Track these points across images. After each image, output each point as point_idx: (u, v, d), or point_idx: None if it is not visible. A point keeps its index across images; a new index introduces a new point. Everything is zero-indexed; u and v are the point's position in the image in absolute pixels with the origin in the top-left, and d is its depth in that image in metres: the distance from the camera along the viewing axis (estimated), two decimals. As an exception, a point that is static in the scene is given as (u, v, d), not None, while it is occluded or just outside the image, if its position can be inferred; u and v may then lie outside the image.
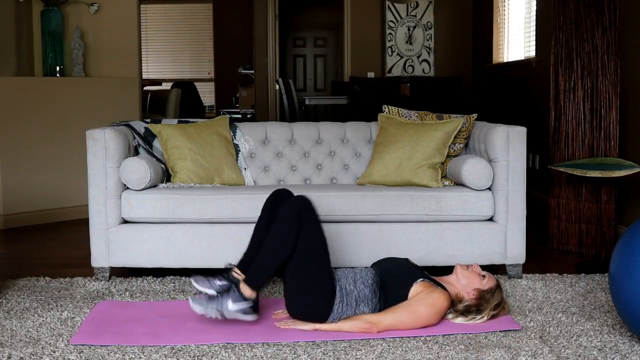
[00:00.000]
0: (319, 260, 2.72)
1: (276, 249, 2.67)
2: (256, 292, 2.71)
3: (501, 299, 2.88)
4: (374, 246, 3.44)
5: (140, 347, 2.58)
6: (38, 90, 5.09)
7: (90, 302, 3.13)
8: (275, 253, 2.67)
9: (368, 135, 4.03)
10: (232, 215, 3.42)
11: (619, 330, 2.77)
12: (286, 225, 2.67)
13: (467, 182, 3.47)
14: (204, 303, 2.69)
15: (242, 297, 2.69)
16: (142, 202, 3.43)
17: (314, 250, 2.70)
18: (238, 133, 3.99)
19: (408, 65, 8.72)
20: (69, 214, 5.21)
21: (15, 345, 2.59)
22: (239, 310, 2.68)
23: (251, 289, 2.69)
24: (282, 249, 2.66)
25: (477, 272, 2.89)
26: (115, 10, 5.57)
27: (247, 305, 2.69)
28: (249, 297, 2.69)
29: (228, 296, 2.69)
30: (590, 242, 4.17)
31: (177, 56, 11.90)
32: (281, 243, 2.66)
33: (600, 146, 4.12)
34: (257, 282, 2.70)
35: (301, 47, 12.19)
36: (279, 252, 2.67)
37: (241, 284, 2.71)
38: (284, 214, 2.70)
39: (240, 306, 2.68)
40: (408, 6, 8.64)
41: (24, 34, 5.35)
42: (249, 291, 2.69)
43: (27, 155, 5.02)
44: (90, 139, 3.46)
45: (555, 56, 4.24)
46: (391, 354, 2.52)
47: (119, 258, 3.46)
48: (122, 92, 5.52)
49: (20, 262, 3.98)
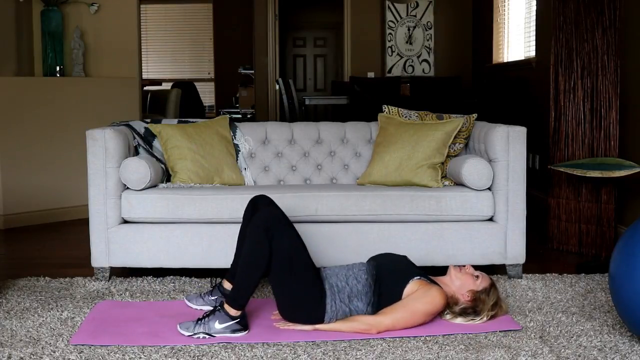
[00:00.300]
0: (299, 265, 2.71)
1: (251, 269, 2.66)
2: (241, 311, 2.71)
3: (497, 298, 2.86)
4: (374, 246, 3.44)
5: (140, 347, 2.58)
6: (38, 90, 5.09)
7: (90, 302, 3.13)
8: (251, 273, 2.66)
9: (368, 135, 4.03)
10: (232, 215, 3.42)
11: (619, 330, 2.77)
12: (255, 243, 2.66)
13: (467, 182, 3.47)
14: (191, 326, 2.69)
15: (228, 316, 2.68)
16: (142, 202, 3.43)
17: (291, 258, 2.69)
18: (238, 133, 3.99)
19: (408, 65, 8.72)
20: (69, 214, 5.21)
21: (15, 345, 2.59)
22: (227, 328, 2.68)
23: (235, 309, 2.70)
24: (257, 268, 2.65)
25: (470, 273, 2.88)
26: (115, 10, 5.57)
27: (234, 322, 2.69)
28: (234, 316, 2.69)
29: (215, 317, 2.69)
30: (590, 242, 4.17)
31: (177, 56, 11.90)
32: (255, 262, 2.65)
33: (600, 146, 4.13)
34: (240, 301, 2.70)
35: (301, 47, 12.19)
36: (254, 272, 2.66)
37: (225, 305, 2.71)
38: (252, 233, 2.69)
39: (227, 325, 2.68)
40: (408, 6, 8.64)
41: (24, 34, 5.35)
42: (233, 311, 2.69)
43: (27, 155, 5.02)
44: (90, 139, 3.46)
45: (555, 56, 4.24)
46: (391, 354, 2.52)
47: (119, 258, 3.46)
48: (122, 92, 5.52)
49: (20, 262, 3.98)
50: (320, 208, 3.43)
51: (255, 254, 2.65)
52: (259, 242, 2.65)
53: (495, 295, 2.85)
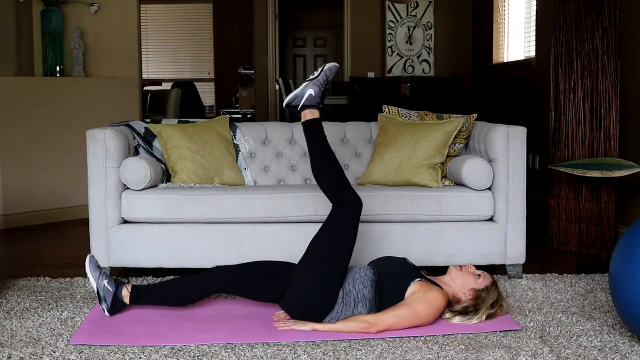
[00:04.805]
0: (342, 253, 2.77)
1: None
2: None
3: (498, 297, 2.86)
4: (373, 246, 3.44)
5: (140, 347, 2.58)
6: (38, 90, 5.09)
7: (90, 302, 3.13)
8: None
9: (368, 135, 4.03)
10: (232, 215, 3.42)
11: (619, 330, 2.77)
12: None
13: (467, 182, 3.47)
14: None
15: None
16: (142, 202, 3.43)
17: (342, 242, 2.77)
18: (238, 133, 3.99)
19: (408, 65, 8.72)
20: (69, 214, 5.21)
21: (15, 345, 2.59)
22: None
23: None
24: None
25: (471, 272, 2.88)
26: (115, 10, 5.57)
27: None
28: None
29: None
30: (590, 242, 4.17)
31: (177, 56, 11.90)
32: None
33: (600, 146, 4.12)
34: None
35: (301, 47, 12.19)
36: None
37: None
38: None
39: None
40: (408, 6, 8.64)
41: (24, 34, 5.35)
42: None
43: (27, 155, 5.02)
44: (90, 139, 3.46)
45: (555, 56, 4.24)
46: (391, 354, 2.52)
47: (119, 258, 3.46)
48: (122, 92, 5.52)
49: (20, 262, 3.99)
50: (320, 208, 3.43)
51: None
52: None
53: (495, 294, 2.85)
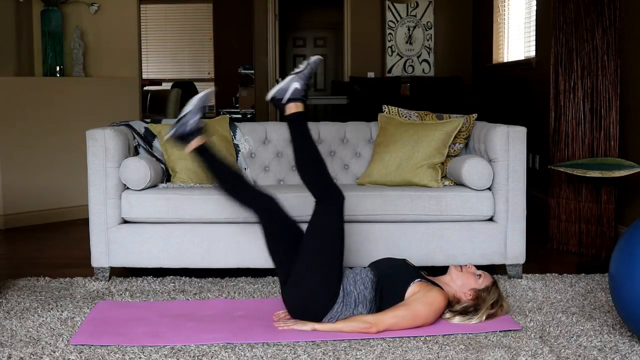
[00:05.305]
0: (334, 250, 2.73)
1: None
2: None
3: (498, 297, 2.86)
4: (374, 246, 3.44)
5: (140, 347, 2.58)
6: (38, 90, 5.09)
7: (90, 302, 3.13)
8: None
9: (368, 135, 4.02)
10: (232, 215, 3.42)
11: (619, 330, 2.77)
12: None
13: (467, 182, 3.47)
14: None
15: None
16: (142, 202, 3.43)
17: (331, 239, 2.73)
18: (238, 133, 3.99)
19: (408, 65, 8.72)
20: (69, 214, 5.21)
21: (15, 345, 2.59)
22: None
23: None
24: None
25: (472, 272, 2.88)
26: (115, 10, 5.57)
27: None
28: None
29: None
30: (590, 242, 4.17)
31: (177, 56, 11.90)
32: None
33: (600, 146, 4.12)
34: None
35: (301, 47, 12.18)
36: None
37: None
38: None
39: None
40: (408, 6, 8.65)
41: (24, 34, 5.35)
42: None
43: (27, 155, 5.02)
44: (90, 139, 3.46)
45: (555, 56, 4.24)
46: (391, 354, 2.52)
47: (119, 258, 3.46)
48: (122, 92, 5.52)
49: (20, 262, 3.98)
50: (320, 208, 3.42)
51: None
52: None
53: (496, 294, 2.85)
